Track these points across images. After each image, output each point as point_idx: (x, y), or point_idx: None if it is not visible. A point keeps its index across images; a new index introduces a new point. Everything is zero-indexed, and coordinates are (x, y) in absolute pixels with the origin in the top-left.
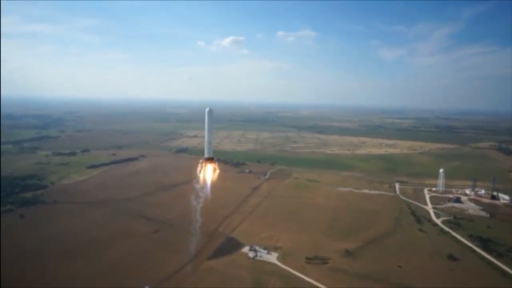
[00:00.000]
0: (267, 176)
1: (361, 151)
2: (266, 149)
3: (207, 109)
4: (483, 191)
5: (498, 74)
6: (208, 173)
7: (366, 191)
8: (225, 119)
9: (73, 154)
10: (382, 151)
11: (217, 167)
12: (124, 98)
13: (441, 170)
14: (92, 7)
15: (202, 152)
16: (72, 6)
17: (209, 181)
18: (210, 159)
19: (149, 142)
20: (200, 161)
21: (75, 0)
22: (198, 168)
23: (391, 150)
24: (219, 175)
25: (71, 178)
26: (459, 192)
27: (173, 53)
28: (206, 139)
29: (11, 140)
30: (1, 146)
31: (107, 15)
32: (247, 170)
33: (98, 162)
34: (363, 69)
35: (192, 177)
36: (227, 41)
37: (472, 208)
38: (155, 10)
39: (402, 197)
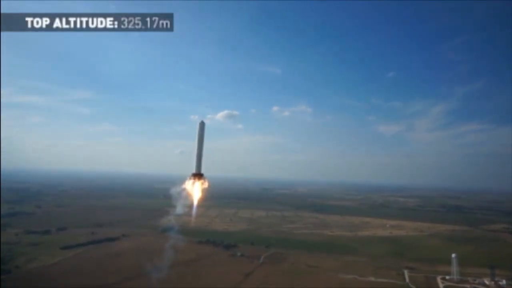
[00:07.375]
0: (261, 261)
1: (364, 233)
2: (260, 229)
3: (199, 122)
4: (504, 282)
5: (498, 152)
6: (195, 192)
7: (372, 278)
8: (217, 196)
9: (47, 232)
10: (386, 232)
11: (206, 183)
12: (111, 171)
13: (453, 255)
14: (86, 79)
15: (191, 233)
16: (66, 78)
17: (195, 202)
18: (199, 175)
19: (133, 220)
20: (188, 178)
21: (69, 72)
22: (185, 184)
23: (396, 232)
24: (209, 260)
25: (40, 261)
26: (477, 281)
27: (164, 126)
28: (196, 152)
29: None
30: None
31: (99, 88)
32: (239, 253)
33: (74, 242)
34: (361, 144)
35: (178, 261)
36: (221, 115)
37: None
38: (147, 84)
39: (413, 287)
